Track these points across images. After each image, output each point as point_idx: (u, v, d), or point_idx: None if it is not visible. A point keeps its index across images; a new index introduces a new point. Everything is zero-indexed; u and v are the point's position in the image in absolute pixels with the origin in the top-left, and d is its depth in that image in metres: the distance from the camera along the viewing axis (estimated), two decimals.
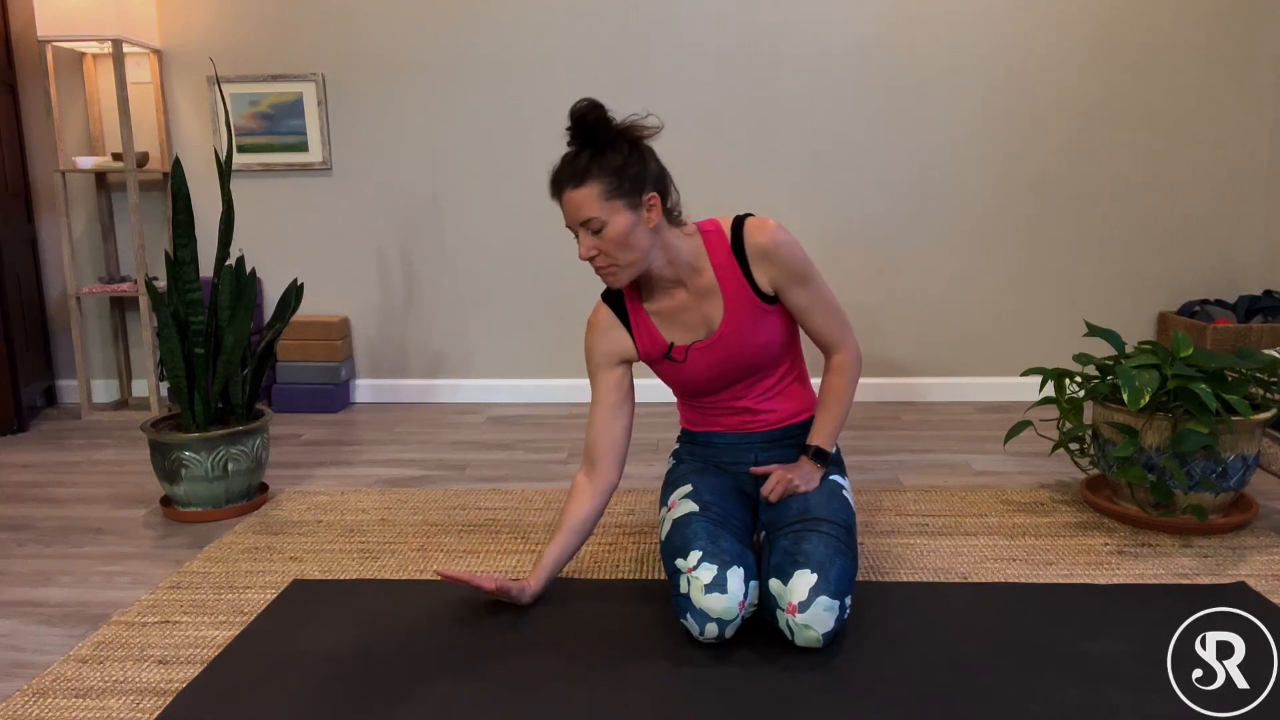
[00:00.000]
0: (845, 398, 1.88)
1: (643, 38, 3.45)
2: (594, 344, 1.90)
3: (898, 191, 3.53)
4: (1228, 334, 3.20)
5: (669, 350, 1.86)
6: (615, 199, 1.66)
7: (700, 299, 1.82)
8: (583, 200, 1.65)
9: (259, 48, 3.54)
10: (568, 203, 1.67)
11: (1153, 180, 3.49)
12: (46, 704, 1.57)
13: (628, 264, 1.72)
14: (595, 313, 1.91)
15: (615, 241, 1.68)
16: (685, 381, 1.89)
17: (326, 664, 1.67)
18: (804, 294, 1.81)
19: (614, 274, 1.73)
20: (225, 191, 2.52)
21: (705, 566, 1.65)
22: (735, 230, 1.79)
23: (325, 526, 2.37)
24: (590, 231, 1.68)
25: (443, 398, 3.78)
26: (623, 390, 1.89)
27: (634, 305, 1.88)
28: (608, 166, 1.65)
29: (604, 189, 1.65)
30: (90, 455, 3.08)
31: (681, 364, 1.86)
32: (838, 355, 1.89)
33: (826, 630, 1.61)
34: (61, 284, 3.72)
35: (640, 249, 1.71)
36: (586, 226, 1.67)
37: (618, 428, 1.89)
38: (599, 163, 1.65)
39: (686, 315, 1.84)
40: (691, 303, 1.83)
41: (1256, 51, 3.39)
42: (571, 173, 1.66)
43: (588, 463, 1.91)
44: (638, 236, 1.69)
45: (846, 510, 1.80)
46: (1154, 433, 2.18)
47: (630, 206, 1.67)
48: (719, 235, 1.81)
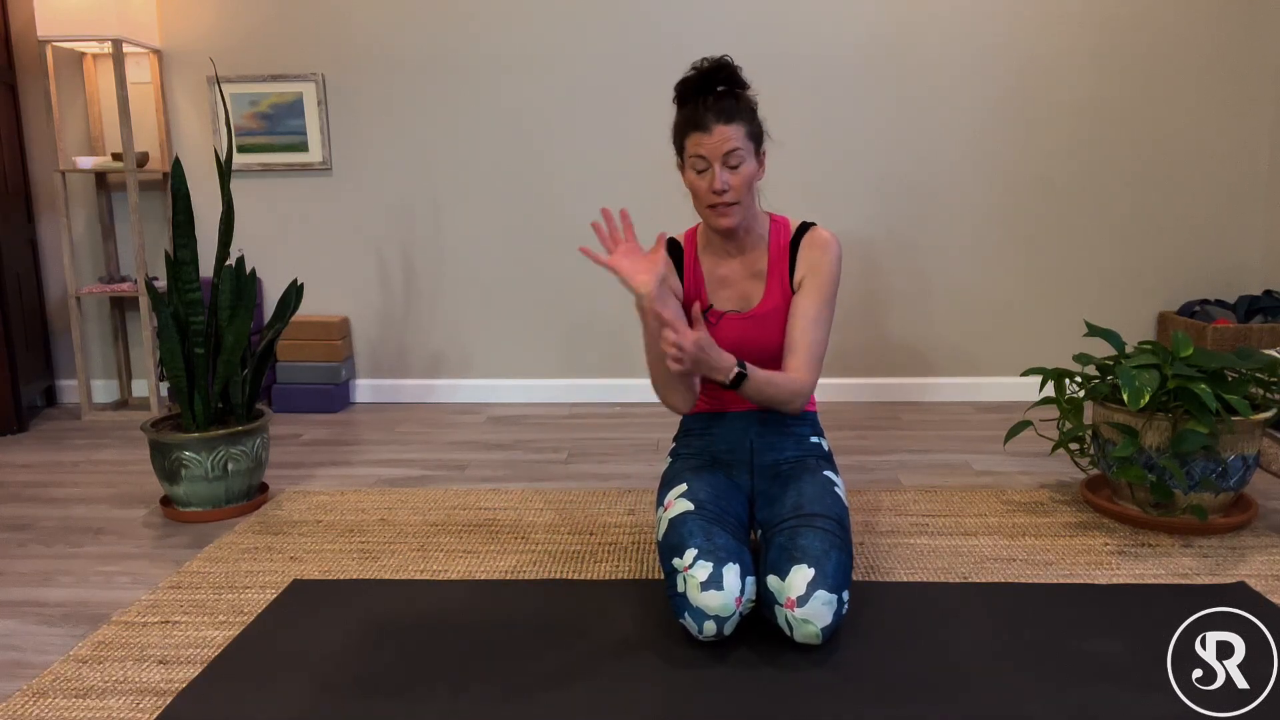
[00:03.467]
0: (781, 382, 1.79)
1: (643, 39, 3.45)
2: None
3: (898, 192, 3.52)
4: (1228, 334, 3.20)
5: (707, 310, 1.92)
6: (751, 142, 1.78)
7: (748, 275, 1.91)
8: (732, 134, 1.74)
9: (259, 48, 3.54)
10: (718, 134, 1.74)
11: (1153, 180, 3.49)
12: (46, 704, 1.57)
13: (744, 207, 1.81)
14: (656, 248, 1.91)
15: (745, 180, 1.77)
16: None
17: (326, 664, 1.67)
18: (808, 300, 1.86)
19: (733, 213, 1.80)
20: (225, 191, 2.53)
21: (701, 564, 1.65)
22: (800, 230, 1.90)
23: (325, 526, 2.37)
24: (729, 166, 1.75)
25: (443, 398, 3.78)
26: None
27: (691, 254, 1.95)
28: (750, 110, 1.80)
29: (748, 129, 1.78)
30: (90, 455, 3.08)
31: (713, 327, 1.91)
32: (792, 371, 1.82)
33: (825, 625, 1.61)
34: (61, 284, 3.72)
35: (752, 198, 1.83)
36: (728, 159, 1.75)
37: None
38: (744, 104, 1.78)
39: (731, 285, 1.92)
40: (740, 276, 1.91)
41: (1257, 52, 3.39)
42: (723, 108, 1.75)
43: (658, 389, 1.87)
44: (755, 184, 1.83)
45: (840, 505, 1.81)
46: (1154, 433, 2.18)
47: (757, 154, 1.81)
48: (785, 228, 1.92)
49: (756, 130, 1.80)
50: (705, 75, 1.77)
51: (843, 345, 3.64)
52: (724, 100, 1.76)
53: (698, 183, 1.79)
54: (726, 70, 1.77)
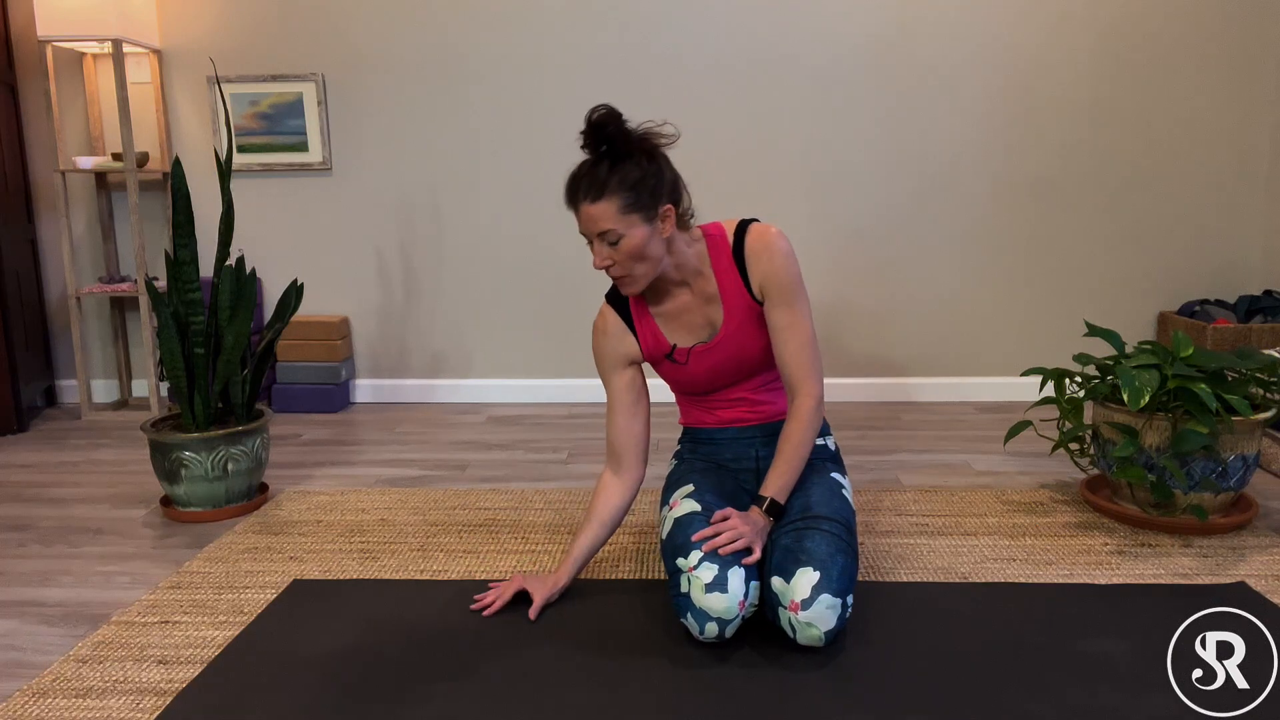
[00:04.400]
0: (803, 448, 1.79)
1: (642, 39, 3.45)
2: (601, 348, 1.91)
3: (898, 192, 3.53)
4: (1228, 334, 3.20)
5: (671, 352, 1.87)
6: (633, 213, 1.66)
7: (703, 302, 1.84)
8: (600, 214, 1.66)
9: (259, 48, 3.54)
10: (585, 215, 1.68)
11: (1153, 180, 3.49)
12: (46, 704, 1.57)
13: (643, 274, 1.74)
14: (600, 316, 1.92)
15: (630, 254, 1.69)
16: (685, 382, 1.91)
17: (326, 664, 1.67)
18: (784, 314, 1.78)
19: (630, 283, 1.75)
20: (225, 191, 2.53)
21: (706, 566, 1.65)
22: (738, 235, 1.81)
23: (325, 526, 2.37)
24: (606, 243, 1.69)
25: (443, 398, 3.78)
26: (636, 389, 1.91)
27: (639, 307, 1.89)
28: (626, 180, 1.65)
29: (622, 203, 1.65)
30: (90, 455, 3.08)
31: (683, 365, 1.88)
32: (800, 399, 1.80)
33: (829, 628, 1.61)
34: (61, 284, 3.72)
35: (655, 259, 1.73)
36: (603, 238, 1.68)
37: (638, 425, 1.90)
38: (618, 175, 1.65)
39: (690, 317, 1.85)
40: (695, 305, 1.84)
41: (1257, 51, 3.39)
42: (590, 185, 1.66)
43: (613, 461, 1.92)
44: (653, 248, 1.71)
45: (847, 508, 1.80)
46: (1154, 433, 2.18)
47: (647, 220, 1.68)
48: (722, 240, 1.82)
49: (638, 199, 1.65)
50: (586, 136, 1.68)
51: (843, 345, 3.64)
52: (594, 172, 1.66)
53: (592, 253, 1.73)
54: (599, 131, 1.65)
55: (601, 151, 1.68)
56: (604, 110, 1.65)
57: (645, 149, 1.69)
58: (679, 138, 1.74)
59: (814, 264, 3.57)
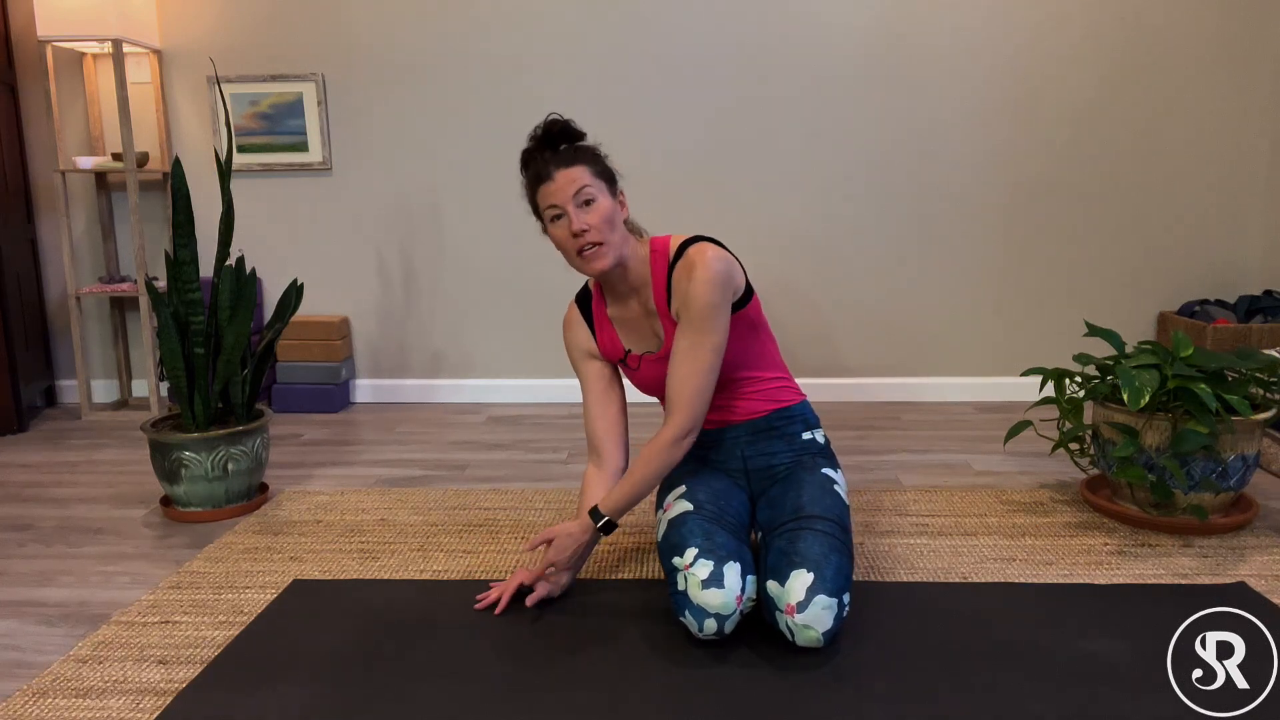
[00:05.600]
0: (652, 471, 1.79)
1: (642, 39, 3.45)
2: (570, 341, 2.00)
3: (897, 191, 3.52)
4: (1228, 334, 3.20)
5: (625, 356, 1.93)
6: (602, 180, 1.76)
7: (647, 314, 1.88)
8: (577, 175, 1.73)
9: (259, 48, 3.54)
10: (561, 179, 1.72)
11: (1153, 180, 3.49)
12: (46, 704, 1.57)
13: (613, 245, 1.76)
14: (568, 311, 1.99)
15: (603, 216, 1.73)
16: (643, 387, 1.95)
17: (326, 664, 1.67)
18: (686, 338, 1.75)
19: (602, 254, 1.75)
20: (225, 191, 2.53)
21: (701, 562, 1.65)
22: (679, 252, 1.80)
23: (325, 526, 2.37)
24: (583, 204, 1.73)
25: (443, 398, 3.78)
26: (606, 378, 1.96)
27: (599, 308, 1.94)
28: (588, 152, 1.78)
29: (593, 168, 1.75)
30: (90, 455, 3.08)
31: (635, 371, 1.92)
32: (666, 428, 1.79)
33: (826, 629, 1.61)
34: (61, 284, 3.72)
35: (622, 235, 1.78)
36: (579, 198, 1.73)
37: (612, 412, 1.95)
38: (581, 150, 1.77)
39: (639, 326, 1.90)
40: (640, 316, 1.89)
41: (1257, 51, 3.39)
42: (561, 155, 1.75)
43: (593, 453, 1.96)
44: (618, 221, 1.77)
45: (840, 505, 1.80)
46: (1154, 433, 2.18)
47: (612, 193, 1.78)
48: (663, 254, 1.83)
49: (604, 169, 1.78)
50: (542, 140, 1.79)
51: (842, 345, 3.64)
52: (559, 148, 1.78)
53: (559, 233, 1.75)
54: (559, 127, 1.78)
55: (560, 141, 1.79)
56: (556, 116, 1.79)
57: None
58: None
59: (812, 263, 3.57)
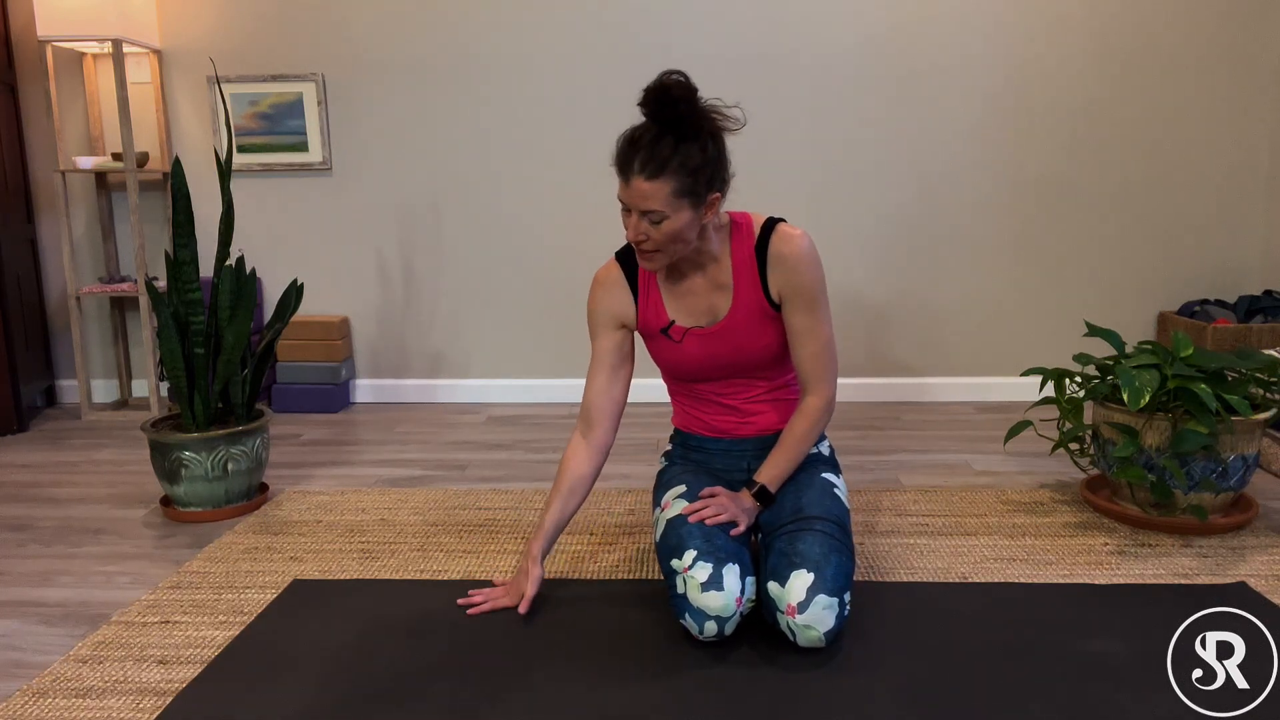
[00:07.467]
0: (803, 443, 1.82)
1: (642, 39, 3.45)
2: (598, 302, 1.87)
3: (898, 192, 3.52)
4: (1228, 334, 3.20)
5: (668, 327, 1.84)
6: (683, 198, 1.62)
7: (712, 288, 1.82)
8: (652, 192, 1.60)
9: (259, 48, 3.54)
10: (635, 189, 1.61)
11: (1153, 180, 3.49)
12: (46, 704, 1.57)
13: (672, 254, 1.71)
14: (605, 269, 1.88)
15: (669, 236, 1.66)
16: (674, 363, 1.88)
17: (326, 664, 1.67)
18: (804, 318, 1.78)
19: (655, 259, 1.71)
20: (225, 191, 2.53)
21: (701, 565, 1.64)
22: (764, 231, 1.78)
23: (325, 526, 2.37)
24: (648, 221, 1.64)
25: (443, 398, 3.78)
26: (624, 352, 1.88)
27: (647, 273, 1.85)
28: (688, 164, 1.60)
29: (677, 186, 1.60)
30: (90, 455, 3.08)
31: (677, 344, 1.85)
32: (811, 398, 1.82)
33: (828, 629, 1.61)
34: (61, 284, 3.72)
35: (688, 242, 1.71)
36: (646, 215, 1.64)
37: (617, 389, 1.88)
38: (680, 157, 1.60)
39: (694, 299, 1.83)
40: (703, 289, 1.82)
41: (1257, 52, 3.39)
42: (649, 159, 1.59)
43: (584, 423, 1.89)
44: (690, 232, 1.68)
45: (840, 507, 1.80)
46: (1154, 433, 2.18)
47: (693, 206, 1.64)
48: (748, 231, 1.80)
49: (688, 186, 1.61)
50: (650, 100, 1.61)
51: (843, 345, 3.64)
52: (657, 146, 1.60)
53: (625, 219, 1.67)
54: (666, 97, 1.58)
55: (666, 123, 1.61)
56: (680, 80, 1.58)
57: (711, 131, 1.65)
58: (744, 125, 1.68)
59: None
